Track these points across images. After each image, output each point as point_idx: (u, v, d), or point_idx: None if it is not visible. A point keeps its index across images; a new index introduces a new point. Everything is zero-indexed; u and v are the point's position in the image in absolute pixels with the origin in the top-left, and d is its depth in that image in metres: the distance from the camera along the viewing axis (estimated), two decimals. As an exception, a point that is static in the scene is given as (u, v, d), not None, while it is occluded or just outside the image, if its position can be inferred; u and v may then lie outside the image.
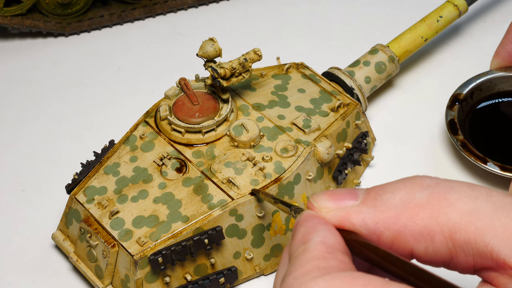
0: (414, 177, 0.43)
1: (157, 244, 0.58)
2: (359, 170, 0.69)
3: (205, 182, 0.62)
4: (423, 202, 0.42)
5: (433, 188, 0.42)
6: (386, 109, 0.75)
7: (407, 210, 0.42)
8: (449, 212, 0.41)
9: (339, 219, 0.43)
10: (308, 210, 0.44)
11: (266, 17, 0.84)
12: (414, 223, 0.42)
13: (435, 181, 0.43)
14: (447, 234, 0.41)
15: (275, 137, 0.64)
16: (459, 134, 0.69)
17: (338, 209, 0.44)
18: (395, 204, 0.42)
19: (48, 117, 0.76)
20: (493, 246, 0.40)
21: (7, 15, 0.79)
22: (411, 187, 0.43)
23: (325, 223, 0.43)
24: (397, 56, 0.73)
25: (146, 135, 0.65)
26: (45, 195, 0.70)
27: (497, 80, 0.73)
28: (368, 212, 0.43)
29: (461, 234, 0.41)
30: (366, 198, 0.43)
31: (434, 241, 0.41)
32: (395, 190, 0.43)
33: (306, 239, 0.42)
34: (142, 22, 0.84)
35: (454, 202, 0.41)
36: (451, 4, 0.76)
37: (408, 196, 0.42)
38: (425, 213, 0.42)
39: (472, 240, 0.41)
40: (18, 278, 0.64)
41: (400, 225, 0.42)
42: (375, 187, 0.44)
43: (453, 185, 0.42)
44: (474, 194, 0.42)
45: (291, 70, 0.71)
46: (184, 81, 0.67)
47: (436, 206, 0.42)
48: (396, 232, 0.42)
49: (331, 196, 0.44)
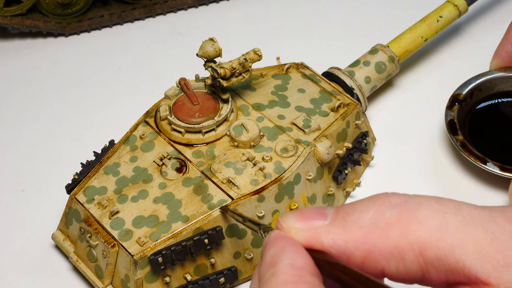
0: (383, 195, 0.43)
1: (157, 244, 0.58)
2: (359, 170, 0.69)
3: (205, 182, 0.62)
4: (392, 221, 0.41)
5: (401, 206, 0.42)
6: (386, 109, 0.75)
7: (377, 230, 0.42)
8: (418, 229, 0.41)
9: (308, 240, 0.43)
10: (277, 230, 0.44)
11: (266, 17, 0.84)
12: (384, 243, 0.41)
13: (404, 198, 0.42)
14: (418, 251, 0.41)
15: (275, 137, 0.64)
16: (459, 134, 0.69)
17: (307, 229, 0.43)
18: (364, 223, 0.42)
19: (48, 117, 0.76)
20: (464, 262, 0.40)
21: (7, 15, 0.79)
22: (380, 205, 0.42)
23: (294, 244, 0.43)
24: (397, 56, 0.74)
25: (146, 135, 0.65)
26: (45, 195, 0.70)
27: (497, 81, 0.73)
28: (337, 232, 0.42)
29: (431, 251, 0.40)
30: (336, 218, 0.43)
31: (405, 260, 0.41)
32: (364, 209, 0.42)
33: (275, 262, 0.42)
34: (142, 22, 0.84)
35: (423, 219, 0.41)
36: (451, 4, 0.76)
37: (378, 215, 0.42)
38: (394, 232, 0.41)
39: (443, 256, 0.40)
40: (18, 278, 0.65)
41: (370, 245, 0.42)
42: (344, 206, 0.44)
43: (422, 202, 0.42)
44: (443, 209, 0.41)
45: (291, 70, 0.71)
46: (184, 81, 0.67)
47: (405, 224, 0.41)
48: (366, 252, 0.42)
49: (300, 216, 0.44)
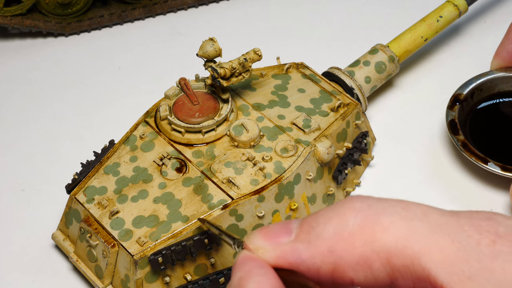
0: (346, 201, 0.42)
1: (157, 244, 0.58)
2: (359, 170, 0.69)
3: (205, 182, 0.62)
4: (356, 230, 0.41)
5: (365, 212, 0.41)
6: (386, 109, 0.75)
7: (341, 241, 0.41)
8: (383, 237, 0.40)
9: (275, 259, 0.42)
10: (245, 251, 0.43)
11: (266, 17, 0.84)
12: (349, 254, 0.40)
13: (367, 203, 0.41)
14: (384, 260, 0.40)
15: (275, 137, 0.64)
16: (460, 134, 0.69)
17: (273, 249, 0.42)
18: (328, 235, 0.41)
19: (48, 117, 0.76)
20: (430, 270, 0.39)
21: (7, 15, 0.79)
22: (343, 214, 0.41)
23: (261, 266, 0.42)
24: (397, 56, 0.73)
25: (146, 135, 0.65)
26: (45, 195, 0.70)
27: (498, 81, 0.73)
28: (302, 248, 0.42)
29: (398, 259, 0.40)
30: (300, 232, 0.42)
31: (373, 268, 0.40)
32: (327, 220, 0.42)
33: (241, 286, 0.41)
34: (142, 22, 0.84)
35: (388, 226, 0.40)
36: (451, 4, 0.76)
37: (341, 226, 0.41)
38: (359, 242, 0.40)
39: (409, 264, 0.39)
40: (18, 278, 0.64)
41: (336, 257, 0.41)
42: (308, 218, 0.43)
43: (386, 207, 0.41)
44: (409, 215, 0.40)
45: (291, 70, 0.71)
46: (184, 81, 0.67)
47: (370, 232, 0.40)
48: (333, 265, 0.41)
49: (265, 234, 0.43)
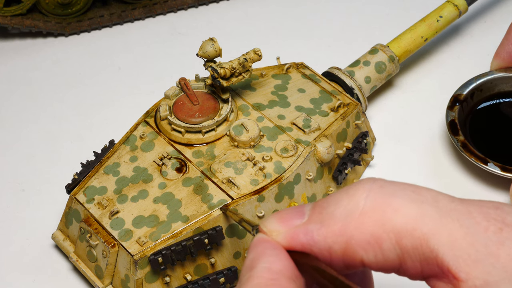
0: (357, 183, 0.42)
1: (157, 244, 0.58)
2: (359, 170, 0.69)
3: (205, 182, 0.62)
4: (367, 210, 0.41)
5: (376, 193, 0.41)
6: (386, 109, 0.75)
7: (352, 220, 0.41)
8: (394, 217, 0.40)
9: (288, 241, 0.43)
10: (260, 234, 0.44)
11: (266, 17, 0.84)
12: (360, 233, 0.41)
13: (378, 184, 0.42)
14: (394, 240, 0.40)
15: (275, 137, 0.64)
16: (460, 135, 0.69)
17: (287, 231, 0.43)
18: (340, 215, 0.41)
19: (48, 117, 0.76)
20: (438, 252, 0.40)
21: (7, 15, 0.79)
22: (354, 195, 0.42)
23: (274, 247, 0.42)
24: (397, 56, 0.73)
25: (146, 135, 0.65)
26: (45, 195, 0.70)
27: (498, 81, 0.73)
28: (315, 228, 0.42)
29: (407, 240, 0.40)
30: (312, 214, 0.43)
31: (383, 249, 0.41)
32: (338, 201, 0.42)
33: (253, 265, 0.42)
34: (142, 22, 0.84)
35: (398, 208, 0.41)
36: (451, 4, 0.76)
37: (352, 206, 0.41)
38: (370, 221, 0.41)
39: (418, 245, 0.40)
40: (18, 278, 0.64)
41: (347, 236, 0.41)
42: (320, 200, 0.43)
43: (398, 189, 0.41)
44: (420, 198, 0.41)
45: (291, 70, 0.71)
46: (184, 81, 0.67)
47: (380, 212, 0.41)
48: (344, 244, 0.41)
49: (279, 218, 0.43)
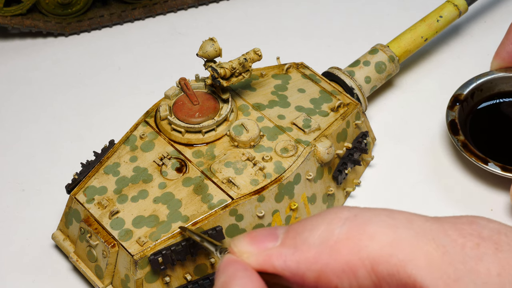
0: (332, 210, 0.42)
1: (157, 244, 0.58)
2: (359, 170, 0.69)
3: (205, 182, 0.62)
4: (342, 238, 0.41)
5: (351, 221, 0.41)
6: (386, 109, 0.75)
7: (327, 248, 0.41)
8: (369, 245, 0.40)
9: (260, 264, 0.42)
10: (230, 254, 0.43)
11: (266, 17, 0.84)
12: (335, 261, 0.41)
13: (353, 212, 0.42)
14: (370, 267, 0.40)
15: (275, 137, 0.64)
16: (460, 135, 0.69)
17: (259, 253, 0.42)
18: (314, 242, 0.41)
19: (48, 117, 0.76)
20: (416, 277, 0.39)
21: (7, 15, 0.79)
22: (329, 222, 0.41)
23: (245, 269, 0.42)
24: (397, 56, 0.73)
25: (146, 135, 0.65)
26: (45, 195, 0.70)
27: (498, 81, 0.73)
28: (288, 253, 0.42)
29: (383, 267, 0.40)
30: (286, 238, 0.42)
31: (358, 276, 0.40)
32: (313, 227, 0.42)
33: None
34: (142, 22, 0.84)
35: (373, 234, 0.40)
36: (451, 4, 0.76)
37: (327, 233, 0.41)
38: (345, 249, 0.40)
39: (395, 272, 0.40)
40: (18, 278, 0.64)
41: (322, 264, 0.41)
42: (294, 224, 0.43)
43: (372, 216, 0.41)
44: (394, 223, 0.41)
45: (291, 70, 0.71)
46: (184, 81, 0.67)
47: (355, 240, 0.40)
48: (318, 272, 0.41)
49: (251, 239, 0.43)
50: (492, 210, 0.67)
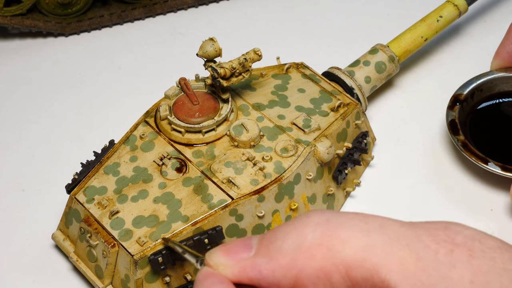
0: (304, 215, 0.42)
1: (157, 244, 0.58)
2: (359, 170, 0.69)
3: (205, 182, 0.62)
4: (315, 243, 0.41)
5: (323, 226, 0.41)
6: (386, 109, 0.75)
7: (301, 254, 0.41)
8: (342, 250, 0.40)
9: (236, 275, 0.42)
10: (207, 267, 0.43)
11: (266, 17, 0.84)
12: (309, 267, 0.40)
13: (325, 217, 0.41)
14: (344, 272, 0.40)
15: (275, 137, 0.64)
16: (460, 134, 0.69)
17: (234, 265, 0.42)
18: (287, 249, 0.41)
19: (48, 117, 0.76)
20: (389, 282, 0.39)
21: (7, 15, 0.79)
22: (302, 228, 0.41)
23: (221, 281, 0.42)
24: (397, 56, 0.73)
25: (146, 135, 0.65)
26: (45, 195, 0.70)
27: (498, 81, 0.73)
28: (263, 262, 0.42)
29: (357, 271, 0.40)
30: (260, 247, 0.42)
31: (332, 282, 0.40)
32: (286, 234, 0.42)
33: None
34: (142, 22, 0.84)
35: (346, 239, 0.40)
36: (451, 4, 0.76)
37: (300, 239, 0.41)
38: (319, 254, 0.40)
39: (369, 276, 0.40)
40: (18, 278, 0.64)
41: (296, 270, 0.41)
42: (267, 233, 0.43)
43: (345, 220, 0.41)
44: (367, 228, 0.40)
45: (291, 70, 0.71)
46: (184, 81, 0.67)
47: (329, 245, 0.40)
48: (293, 279, 0.41)
49: (225, 251, 0.43)
50: (492, 210, 0.67)
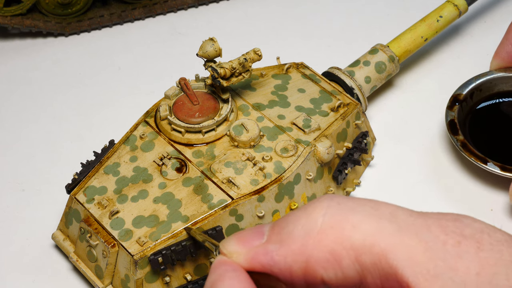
0: (315, 201, 0.42)
1: (157, 244, 0.58)
2: (359, 170, 0.69)
3: (205, 182, 0.62)
4: (325, 227, 0.41)
5: (334, 210, 0.41)
6: (386, 109, 0.75)
7: (311, 239, 0.41)
8: (352, 234, 0.40)
9: (248, 262, 0.42)
10: (221, 256, 0.43)
11: (266, 17, 0.84)
12: (319, 251, 0.41)
13: (336, 201, 0.42)
14: (353, 257, 0.40)
15: (275, 137, 0.64)
16: (459, 134, 0.69)
17: (247, 252, 0.43)
18: (298, 234, 0.41)
19: (48, 117, 0.76)
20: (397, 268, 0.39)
21: (7, 15, 0.79)
22: (312, 213, 0.41)
23: (234, 269, 0.42)
24: (397, 56, 0.73)
25: (146, 135, 0.65)
26: (45, 195, 0.70)
27: (497, 81, 0.73)
28: (274, 248, 0.42)
29: (366, 256, 0.40)
30: (271, 234, 0.42)
31: (342, 266, 0.40)
32: (296, 220, 0.42)
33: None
34: (142, 22, 0.84)
35: (356, 224, 0.40)
36: (451, 4, 0.76)
37: (310, 224, 0.41)
38: (329, 239, 0.40)
39: (377, 261, 0.40)
40: (18, 278, 0.64)
41: (307, 255, 0.41)
42: (279, 220, 0.43)
43: (355, 206, 0.41)
44: (378, 214, 0.41)
45: (291, 70, 0.71)
46: (184, 81, 0.67)
47: (339, 229, 0.40)
48: (304, 263, 0.41)
49: (238, 239, 0.43)
50: (492, 210, 0.67)
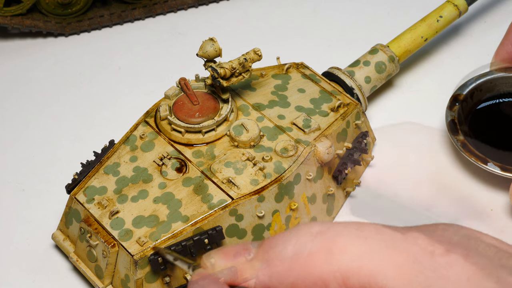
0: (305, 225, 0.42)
1: (157, 244, 0.58)
2: (359, 170, 0.69)
3: (205, 182, 0.62)
4: (314, 251, 0.41)
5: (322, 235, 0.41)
6: (386, 109, 0.75)
7: (299, 261, 0.41)
8: (340, 258, 0.40)
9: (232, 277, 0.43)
10: (201, 269, 0.44)
11: (266, 17, 0.84)
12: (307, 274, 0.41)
13: (325, 227, 0.42)
14: (341, 280, 0.40)
15: (275, 137, 0.64)
16: (459, 135, 0.69)
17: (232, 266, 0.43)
18: (286, 256, 0.42)
19: (48, 117, 0.76)
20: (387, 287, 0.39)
21: (7, 15, 0.79)
22: (301, 236, 0.42)
23: (216, 282, 0.42)
24: (397, 56, 0.73)
25: (146, 135, 0.65)
26: (45, 195, 0.70)
27: (497, 81, 0.73)
28: (261, 267, 0.42)
29: (354, 279, 0.40)
30: (259, 252, 0.43)
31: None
32: (286, 241, 0.42)
33: None
34: (142, 22, 0.84)
35: (344, 247, 0.41)
36: (451, 4, 0.76)
37: (299, 247, 0.41)
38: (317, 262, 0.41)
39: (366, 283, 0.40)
40: (18, 278, 0.64)
41: (294, 277, 0.41)
42: (267, 239, 0.43)
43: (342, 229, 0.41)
44: (363, 235, 0.41)
45: (291, 70, 0.71)
46: (184, 81, 0.67)
47: (326, 253, 0.41)
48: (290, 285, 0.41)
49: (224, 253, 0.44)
50: (492, 210, 0.67)
